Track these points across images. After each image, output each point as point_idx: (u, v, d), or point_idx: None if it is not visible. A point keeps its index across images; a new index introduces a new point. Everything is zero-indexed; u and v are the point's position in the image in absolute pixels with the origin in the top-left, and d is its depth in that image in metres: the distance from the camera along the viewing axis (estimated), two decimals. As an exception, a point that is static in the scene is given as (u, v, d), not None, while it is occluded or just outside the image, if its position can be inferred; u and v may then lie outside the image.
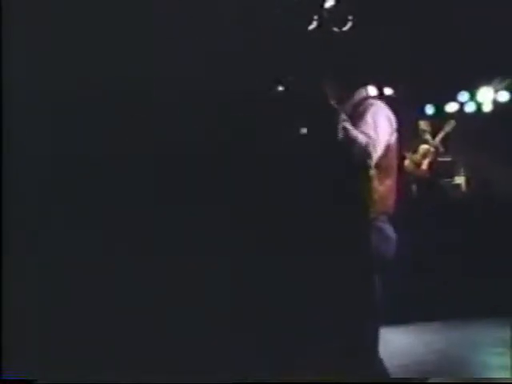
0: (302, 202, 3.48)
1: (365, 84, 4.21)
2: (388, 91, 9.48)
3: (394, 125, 4.06)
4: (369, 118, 3.89)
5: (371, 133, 3.82)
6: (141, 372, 3.23)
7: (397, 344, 6.07)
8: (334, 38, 4.40)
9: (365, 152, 3.77)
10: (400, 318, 6.45)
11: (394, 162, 4.09)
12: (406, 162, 9.17)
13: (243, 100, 3.31)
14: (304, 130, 3.63)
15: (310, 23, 3.67)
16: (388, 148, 3.97)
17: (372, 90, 8.70)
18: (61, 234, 3.31)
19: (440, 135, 9.57)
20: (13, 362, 3.15)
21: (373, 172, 3.83)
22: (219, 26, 3.25)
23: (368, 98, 4.12)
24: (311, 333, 3.42)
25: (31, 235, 3.30)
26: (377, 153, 3.85)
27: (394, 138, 4.05)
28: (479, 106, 10.25)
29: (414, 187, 8.98)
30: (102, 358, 3.26)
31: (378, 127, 3.89)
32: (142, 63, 3.29)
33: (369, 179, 3.78)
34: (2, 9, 3.23)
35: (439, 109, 10.23)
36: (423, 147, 9.38)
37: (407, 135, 9.20)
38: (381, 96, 8.94)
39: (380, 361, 3.84)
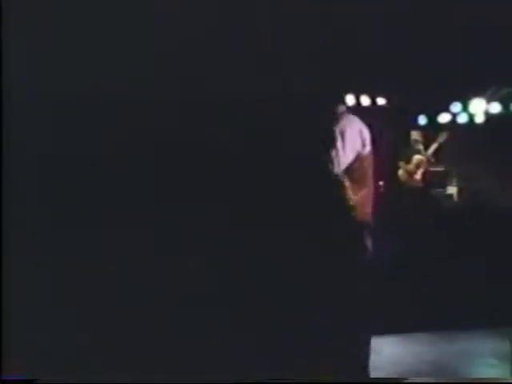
0: (295, 202, 3.50)
1: (358, 92, 4.32)
2: (381, 101, 9.52)
3: (367, 137, 4.12)
4: (337, 130, 3.97)
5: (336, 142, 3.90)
6: (141, 372, 3.22)
7: (386, 354, 6.07)
8: (329, 45, 4.42)
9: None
10: (391, 328, 6.44)
11: (368, 172, 4.15)
12: (400, 172, 9.24)
13: (243, 100, 3.32)
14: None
15: (309, 26, 3.70)
16: (359, 158, 4.02)
17: (353, 101, 8.73)
18: (61, 234, 3.30)
19: (433, 146, 9.62)
20: (13, 362, 3.14)
21: (343, 178, 3.88)
22: (220, 25, 3.27)
23: (345, 112, 4.19)
24: (311, 333, 3.42)
25: (31, 235, 3.29)
26: (340, 159, 3.90)
27: (367, 150, 4.11)
28: (471, 117, 10.30)
29: (407, 196, 9.03)
30: (102, 358, 3.25)
31: (344, 136, 3.96)
32: (142, 63, 3.30)
33: (340, 185, 3.83)
34: (1, 9, 3.24)
35: (432, 119, 10.26)
36: (417, 157, 9.42)
37: (398, 145, 9.29)
38: (373, 105, 8.99)
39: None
